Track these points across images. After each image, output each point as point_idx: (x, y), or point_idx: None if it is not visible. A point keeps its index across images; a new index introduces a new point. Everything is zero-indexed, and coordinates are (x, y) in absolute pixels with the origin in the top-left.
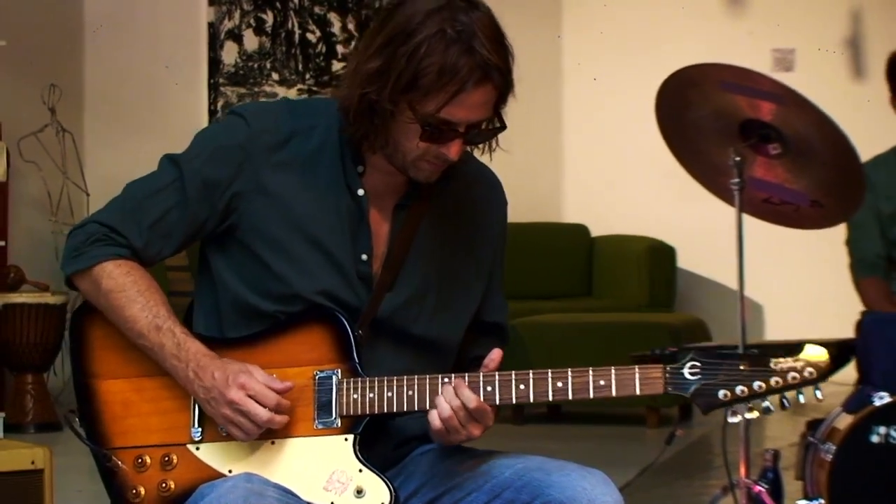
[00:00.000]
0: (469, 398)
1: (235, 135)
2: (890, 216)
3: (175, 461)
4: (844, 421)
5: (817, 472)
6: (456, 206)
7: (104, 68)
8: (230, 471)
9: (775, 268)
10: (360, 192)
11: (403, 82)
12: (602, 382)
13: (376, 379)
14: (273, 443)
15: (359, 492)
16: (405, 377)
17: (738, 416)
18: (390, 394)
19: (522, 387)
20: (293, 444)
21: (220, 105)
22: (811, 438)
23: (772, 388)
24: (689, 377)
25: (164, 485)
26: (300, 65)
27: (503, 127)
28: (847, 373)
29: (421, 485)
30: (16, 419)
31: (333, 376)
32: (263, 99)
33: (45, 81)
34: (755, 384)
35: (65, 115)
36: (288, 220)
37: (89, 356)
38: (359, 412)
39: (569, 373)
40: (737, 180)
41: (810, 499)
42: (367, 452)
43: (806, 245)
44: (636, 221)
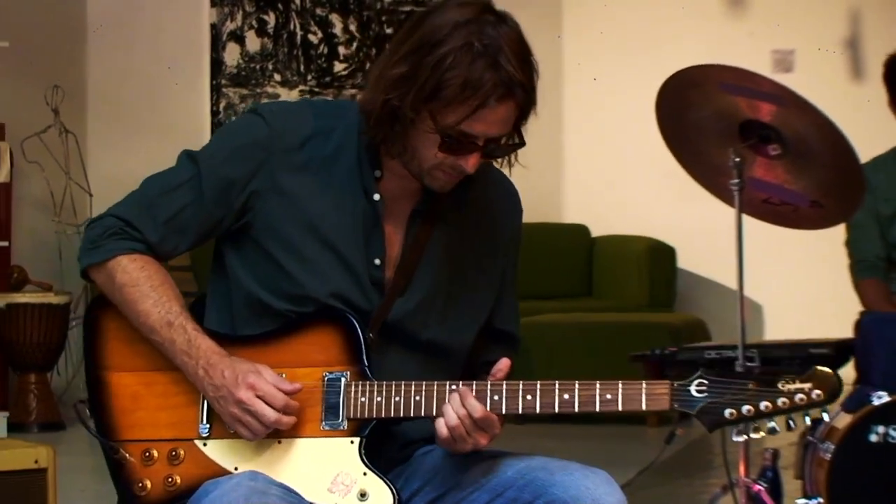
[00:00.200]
0: (475, 408)
1: (254, 134)
2: (889, 218)
3: (182, 456)
4: (843, 420)
5: (816, 472)
6: (471, 214)
7: (107, 69)
8: (236, 468)
9: (775, 268)
10: (376, 197)
11: (427, 92)
12: (608, 396)
13: (384, 383)
14: (279, 442)
15: (362, 495)
16: (413, 382)
17: (744, 436)
18: (398, 398)
19: (529, 397)
20: (299, 445)
21: (223, 106)
22: (810, 438)
23: (778, 409)
24: (696, 395)
25: (170, 479)
26: (302, 66)
27: (522, 143)
28: (846, 372)
29: (423, 484)
30: (19, 418)
31: (342, 378)
32: (265, 100)
33: (49, 82)
34: (762, 404)
35: (68, 116)
36: (302, 221)
37: (102, 348)
38: (366, 415)
39: (576, 385)
40: (736, 181)
41: (809, 497)
42: (372, 455)
43: (805, 245)
44: (636, 221)
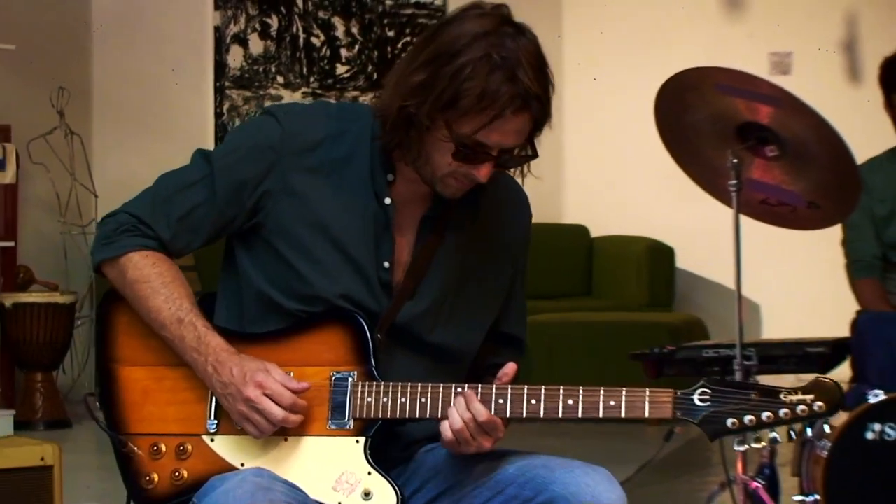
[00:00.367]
0: (480, 412)
1: (268, 135)
2: (884, 218)
3: (190, 451)
4: (840, 418)
5: (813, 469)
6: (481, 220)
7: (111, 72)
8: (242, 464)
9: (772, 268)
10: (388, 201)
11: (444, 100)
12: (612, 403)
13: (391, 384)
14: (286, 440)
15: (366, 494)
16: (419, 384)
17: (745, 446)
18: (404, 399)
19: (534, 402)
20: (305, 443)
21: (226, 108)
22: (807, 436)
23: (780, 420)
24: (699, 403)
25: (178, 474)
26: (305, 68)
27: (535, 155)
28: (842, 371)
29: (425, 481)
30: (26, 417)
31: (349, 378)
32: (268, 102)
33: (54, 84)
34: (764, 415)
35: (73, 118)
36: (312, 222)
37: (113, 341)
38: (371, 416)
39: (580, 391)
40: (734, 182)
41: (806, 495)
42: (376, 455)
43: (803, 245)
44: (636, 222)
